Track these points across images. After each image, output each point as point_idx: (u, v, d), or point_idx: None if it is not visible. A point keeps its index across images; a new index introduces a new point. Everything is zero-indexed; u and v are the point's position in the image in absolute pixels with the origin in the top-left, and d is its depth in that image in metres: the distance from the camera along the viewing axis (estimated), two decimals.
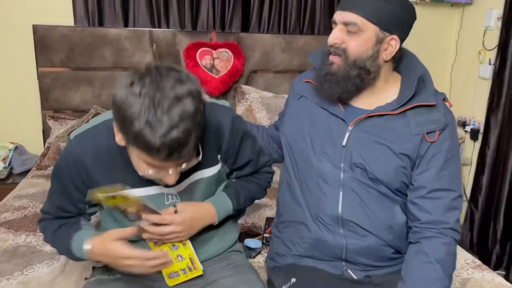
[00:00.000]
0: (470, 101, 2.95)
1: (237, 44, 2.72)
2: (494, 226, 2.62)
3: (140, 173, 0.97)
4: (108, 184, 1.03)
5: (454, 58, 3.12)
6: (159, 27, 2.69)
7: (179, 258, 1.11)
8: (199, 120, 0.91)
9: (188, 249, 1.11)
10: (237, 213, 1.28)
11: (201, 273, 1.13)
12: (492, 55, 2.69)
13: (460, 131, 3.03)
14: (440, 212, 1.15)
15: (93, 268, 1.27)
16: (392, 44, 1.17)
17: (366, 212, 1.18)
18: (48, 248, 1.50)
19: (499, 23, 2.60)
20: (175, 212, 1.07)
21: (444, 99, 1.21)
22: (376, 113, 1.18)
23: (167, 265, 1.06)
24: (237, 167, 1.23)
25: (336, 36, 1.17)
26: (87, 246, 1.04)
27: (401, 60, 1.25)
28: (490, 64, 2.72)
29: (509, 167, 2.51)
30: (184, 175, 1.09)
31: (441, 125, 1.16)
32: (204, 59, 2.63)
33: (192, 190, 1.13)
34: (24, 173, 2.45)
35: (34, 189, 2.03)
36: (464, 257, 1.54)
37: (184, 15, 2.70)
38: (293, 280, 1.20)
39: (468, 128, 2.91)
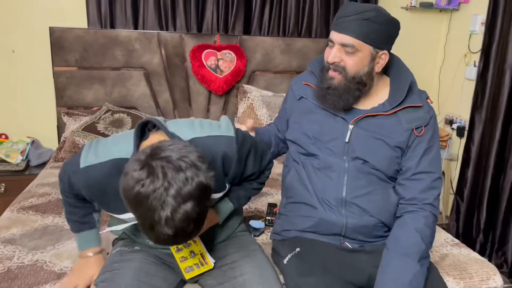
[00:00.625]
0: (457, 100, 3.15)
1: (239, 46, 2.90)
2: (478, 217, 2.80)
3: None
4: (121, 207, 1.11)
5: (442, 60, 3.32)
6: (167, 29, 2.87)
7: (192, 254, 1.26)
8: (202, 219, 0.97)
9: (198, 246, 1.25)
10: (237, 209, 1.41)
11: (211, 267, 1.26)
12: (477, 57, 2.88)
13: (447, 129, 3.23)
14: (421, 191, 1.34)
15: (113, 242, 1.44)
16: (383, 58, 1.35)
17: (367, 195, 1.37)
18: None
19: (483, 28, 2.79)
20: None
21: (427, 97, 1.42)
22: (372, 113, 1.37)
23: None
24: (242, 179, 1.34)
25: (335, 55, 1.32)
26: (89, 253, 1.30)
27: (388, 64, 1.43)
28: (475, 66, 2.92)
29: (491, 161, 2.69)
30: None
31: (426, 121, 1.37)
32: (209, 60, 2.82)
33: None
34: (40, 166, 2.62)
35: (54, 179, 2.21)
36: (444, 236, 1.73)
37: (190, 18, 2.88)
38: (298, 249, 1.36)
39: (454, 126, 3.11)
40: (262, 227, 1.73)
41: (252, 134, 1.50)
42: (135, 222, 1.13)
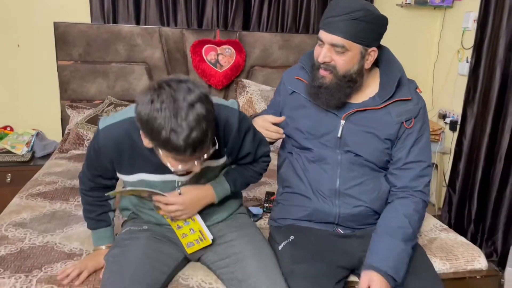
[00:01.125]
0: (450, 95, 3.24)
1: (239, 41, 2.98)
2: (469, 208, 2.89)
3: (173, 169, 1.16)
4: (130, 168, 1.28)
5: (436, 56, 3.40)
6: (168, 25, 2.94)
7: (191, 231, 1.34)
8: (211, 119, 1.08)
9: (196, 224, 1.33)
10: (235, 193, 1.49)
11: (210, 242, 1.34)
12: (470, 53, 2.96)
13: (440, 123, 3.32)
14: (412, 179, 1.42)
15: (122, 225, 1.52)
16: (372, 54, 1.37)
17: (359, 185, 1.43)
18: (81, 212, 1.75)
19: (475, 25, 2.88)
20: (180, 194, 1.29)
21: (416, 87, 1.47)
22: (362, 108, 1.41)
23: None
24: (238, 159, 1.44)
25: (325, 55, 1.34)
26: (102, 247, 1.39)
27: (378, 56, 1.43)
28: (467, 62, 3.01)
29: (482, 154, 2.78)
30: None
31: (415, 113, 1.42)
32: (209, 55, 2.90)
33: (198, 177, 1.32)
34: (44, 157, 2.70)
35: (59, 168, 2.29)
36: (433, 222, 1.82)
37: (190, 14, 2.96)
38: (292, 237, 1.42)
39: (447, 120, 3.20)
40: (260, 213, 1.81)
41: None
42: (143, 188, 1.26)
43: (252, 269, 1.25)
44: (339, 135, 1.42)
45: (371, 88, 1.45)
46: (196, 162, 1.15)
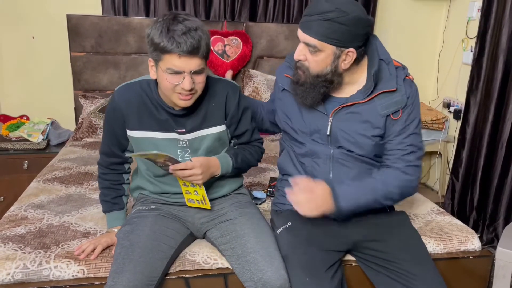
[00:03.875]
0: (454, 84, 3.27)
1: (245, 32, 3.05)
2: (472, 195, 2.94)
3: (168, 86, 1.30)
4: (138, 125, 1.43)
5: (441, 46, 3.43)
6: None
7: (196, 193, 1.44)
8: (206, 33, 1.27)
9: (202, 190, 1.43)
10: (236, 172, 1.57)
11: (209, 207, 1.45)
12: (474, 43, 2.98)
13: (445, 112, 3.36)
14: (397, 159, 1.42)
15: (132, 207, 1.62)
16: (349, 55, 1.33)
17: (352, 176, 1.46)
18: (95, 196, 1.87)
19: (480, 14, 2.90)
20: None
21: (407, 75, 1.43)
22: (348, 103, 1.41)
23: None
24: (236, 135, 1.55)
25: (300, 53, 1.36)
26: (115, 229, 1.48)
27: (365, 51, 1.40)
28: (471, 51, 3.03)
29: (485, 142, 2.82)
30: (195, 128, 1.44)
31: (403, 104, 1.40)
32: (216, 46, 2.97)
33: (199, 142, 1.46)
34: (59, 145, 2.81)
35: (74, 155, 2.40)
36: (431, 206, 1.89)
37: (198, 6, 3.04)
38: (289, 223, 1.48)
39: (452, 109, 3.24)
40: (264, 197, 1.90)
41: None
42: (163, 167, 1.38)
43: (250, 246, 1.34)
44: (328, 133, 1.44)
45: (359, 81, 1.43)
46: (186, 76, 1.28)
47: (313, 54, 1.33)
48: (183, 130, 1.43)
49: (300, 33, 1.35)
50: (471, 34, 3.06)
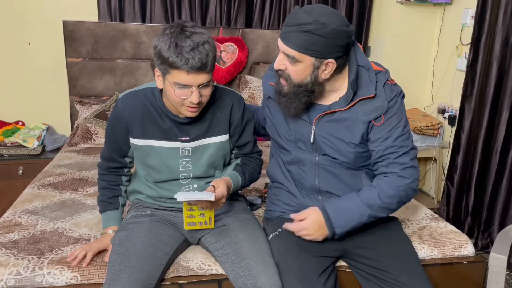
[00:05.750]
0: (449, 91, 3.29)
1: (241, 38, 3.07)
2: (467, 201, 2.96)
3: (176, 100, 1.31)
4: (141, 133, 1.43)
5: (436, 52, 3.46)
6: (173, 22, 3.03)
7: (202, 215, 1.43)
8: (213, 45, 1.28)
9: (211, 213, 1.42)
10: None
11: (213, 227, 1.44)
12: (468, 49, 3.00)
13: (439, 118, 3.38)
14: (388, 164, 1.41)
15: (127, 212, 1.62)
16: (329, 66, 1.32)
17: (338, 183, 1.47)
18: (89, 201, 1.86)
19: (473, 21, 2.93)
20: (214, 190, 1.36)
21: (387, 79, 1.41)
22: (330, 111, 1.41)
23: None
24: (238, 145, 1.56)
25: (279, 63, 1.35)
26: (109, 230, 1.48)
27: (346, 60, 1.38)
28: (465, 57, 3.06)
29: (479, 147, 2.84)
30: (199, 136, 1.45)
31: (384, 110, 1.38)
32: None
33: (202, 150, 1.47)
34: (54, 151, 2.82)
35: (69, 161, 2.40)
36: (425, 212, 1.89)
37: (194, 12, 3.05)
38: (279, 230, 1.47)
39: (446, 115, 3.26)
40: (259, 202, 1.90)
41: None
42: (196, 199, 1.35)
43: (245, 252, 1.34)
44: (312, 140, 1.45)
45: (341, 89, 1.43)
46: (193, 90, 1.29)
47: (292, 64, 1.33)
48: (187, 138, 1.44)
49: (280, 43, 1.33)
50: (465, 41, 3.09)
